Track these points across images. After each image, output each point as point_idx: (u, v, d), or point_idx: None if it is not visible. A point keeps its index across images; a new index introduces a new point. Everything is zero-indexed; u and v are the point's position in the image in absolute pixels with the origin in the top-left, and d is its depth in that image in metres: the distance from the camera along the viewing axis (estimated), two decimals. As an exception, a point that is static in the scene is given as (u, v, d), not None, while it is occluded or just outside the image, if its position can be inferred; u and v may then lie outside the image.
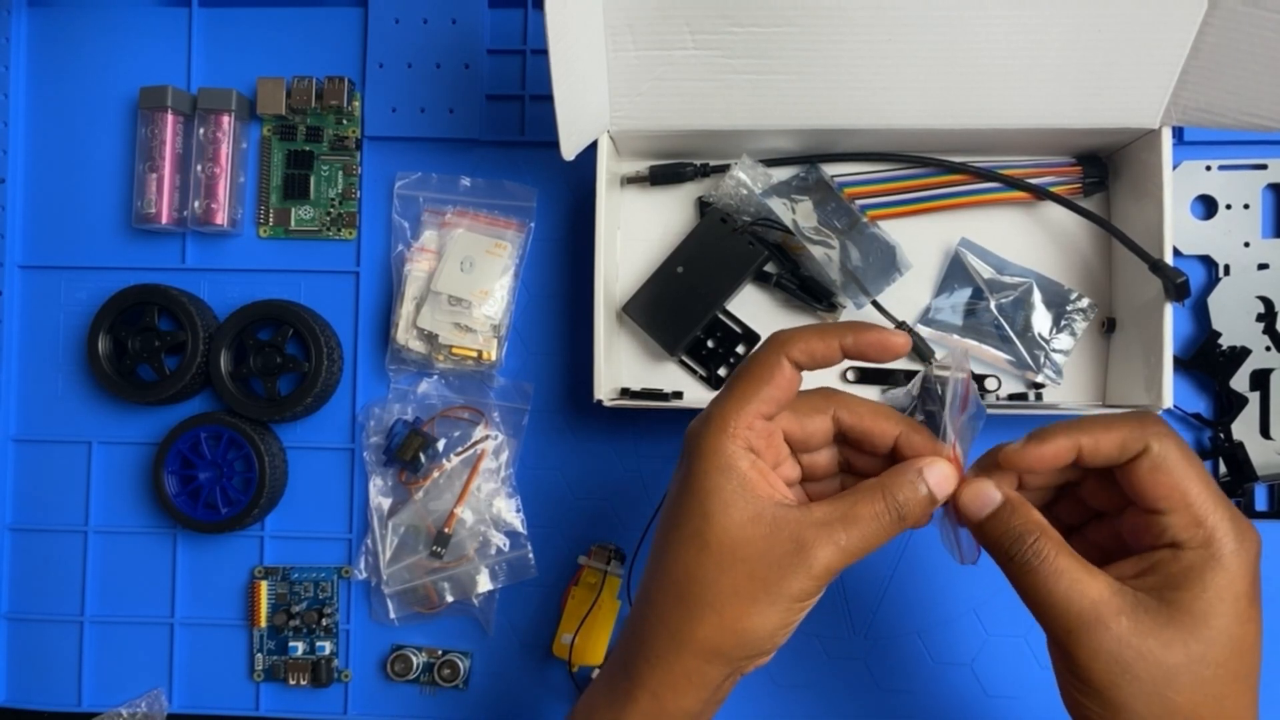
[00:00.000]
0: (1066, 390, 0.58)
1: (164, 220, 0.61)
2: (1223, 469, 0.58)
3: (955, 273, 0.58)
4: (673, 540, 0.37)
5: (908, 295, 0.58)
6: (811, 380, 0.59)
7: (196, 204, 0.61)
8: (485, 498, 0.60)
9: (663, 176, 0.59)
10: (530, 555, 0.61)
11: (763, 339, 0.37)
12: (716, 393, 0.38)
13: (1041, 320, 0.57)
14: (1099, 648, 0.34)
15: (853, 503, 0.36)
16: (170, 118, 0.61)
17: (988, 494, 0.36)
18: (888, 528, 0.36)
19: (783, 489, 0.37)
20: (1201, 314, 0.58)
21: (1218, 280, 0.58)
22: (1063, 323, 0.57)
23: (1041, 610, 0.35)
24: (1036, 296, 0.57)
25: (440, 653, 0.61)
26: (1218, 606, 0.33)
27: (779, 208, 0.56)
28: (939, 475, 0.36)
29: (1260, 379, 0.57)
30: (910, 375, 0.58)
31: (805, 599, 0.36)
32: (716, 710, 0.39)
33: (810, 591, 0.36)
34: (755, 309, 0.59)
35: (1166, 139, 0.52)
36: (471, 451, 0.60)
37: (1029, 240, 0.58)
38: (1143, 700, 0.34)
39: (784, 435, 0.39)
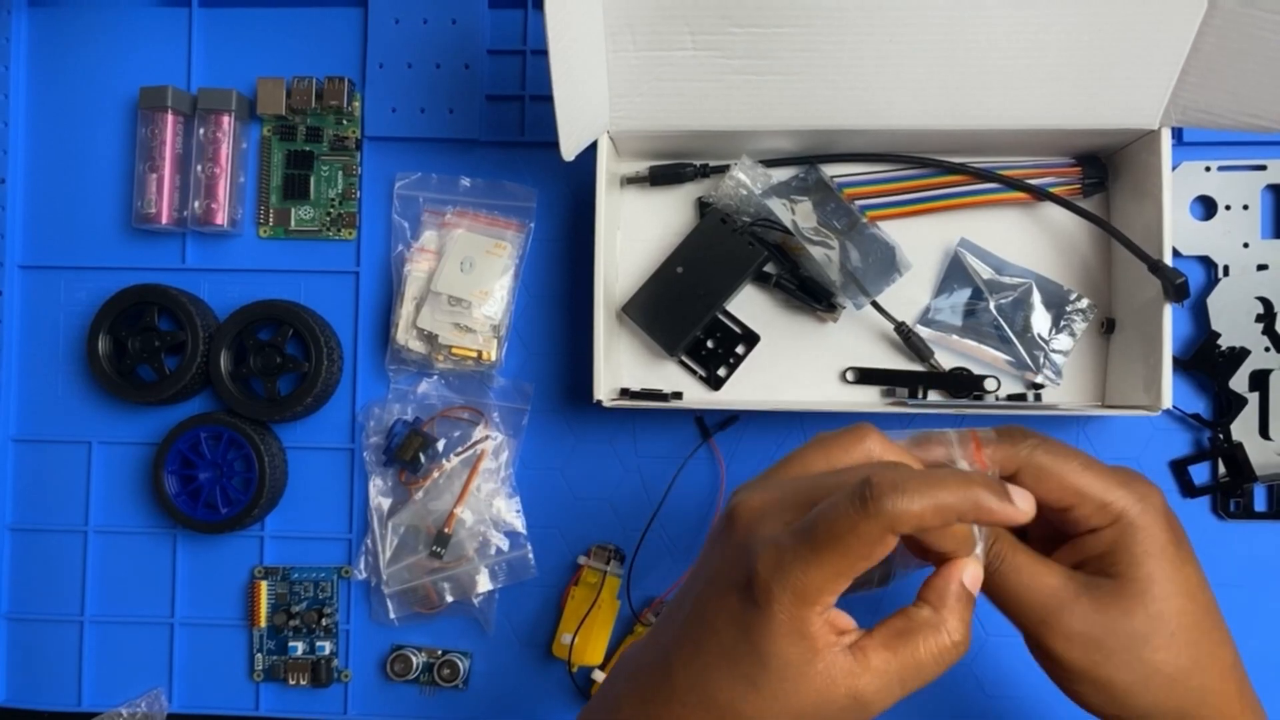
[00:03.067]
0: (1066, 391, 0.58)
1: (164, 220, 0.61)
2: (1222, 469, 0.58)
3: (955, 273, 0.58)
4: (717, 667, 0.34)
5: (907, 295, 0.58)
6: (808, 372, 0.59)
7: (196, 204, 0.61)
8: (485, 498, 0.60)
9: (663, 177, 0.59)
10: (530, 555, 0.61)
11: (863, 482, 0.31)
12: (795, 537, 0.32)
13: (1041, 321, 0.57)
14: (1070, 632, 0.35)
15: (912, 650, 0.34)
16: (170, 118, 0.61)
17: None
18: (949, 662, 0.34)
19: (843, 625, 0.34)
20: (1201, 314, 0.58)
21: (1217, 281, 0.58)
22: (1062, 323, 0.57)
23: (1010, 607, 0.36)
24: (1036, 297, 0.57)
25: (440, 653, 0.61)
26: (1153, 569, 0.35)
27: (779, 208, 0.56)
28: (974, 577, 0.35)
29: (1259, 379, 0.57)
30: (911, 376, 0.58)
31: None
32: None
33: None
34: (755, 309, 0.59)
35: (1166, 139, 0.52)
36: (471, 451, 0.60)
37: (1029, 240, 0.58)
38: (1125, 670, 0.35)
39: None
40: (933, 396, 0.58)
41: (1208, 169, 0.58)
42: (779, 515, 0.34)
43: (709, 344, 0.59)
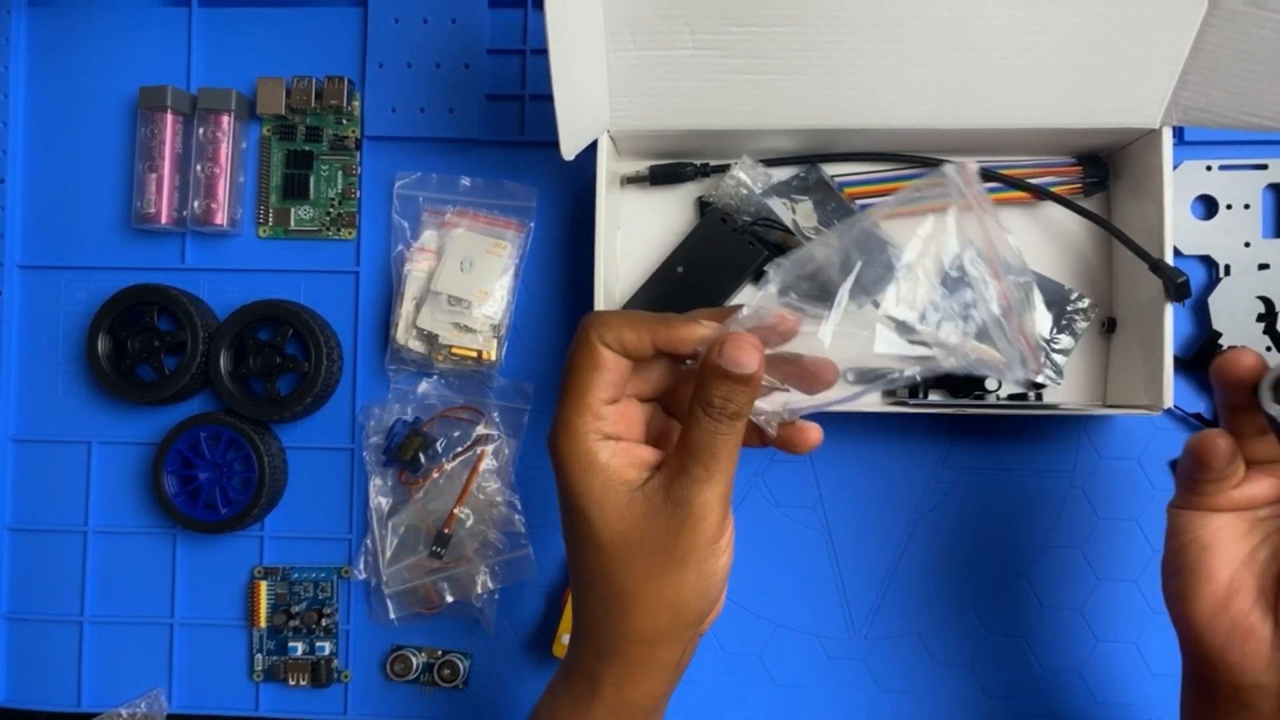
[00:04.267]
0: (1067, 390, 0.58)
1: (164, 220, 0.61)
2: (1223, 469, 0.58)
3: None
4: (572, 546, 0.38)
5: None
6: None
7: (196, 204, 0.61)
8: (485, 498, 0.60)
9: (663, 176, 0.59)
10: (530, 555, 0.61)
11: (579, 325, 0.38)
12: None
13: (1042, 320, 0.57)
14: None
15: (686, 436, 0.36)
16: (170, 118, 0.61)
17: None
18: (731, 435, 0.36)
19: (646, 455, 0.37)
20: (1202, 314, 0.58)
21: (1218, 280, 0.58)
22: (1063, 323, 0.57)
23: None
24: (1036, 296, 0.57)
25: (440, 653, 0.61)
26: None
27: (779, 208, 0.56)
28: (732, 354, 0.35)
29: (1260, 379, 0.57)
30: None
31: (712, 544, 0.36)
32: (679, 678, 0.40)
33: (712, 537, 0.36)
34: (755, 309, 0.59)
35: (1167, 139, 0.52)
36: (471, 451, 0.60)
37: (1029, 240, 0.58)
38: None
39: (638, 394, 0.39)
40: (933, 396, 0.58)
41: (1209, 168, 0.58)
42: None
43: (709, 344, 0.59)
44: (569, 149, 0.52)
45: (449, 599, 0.60)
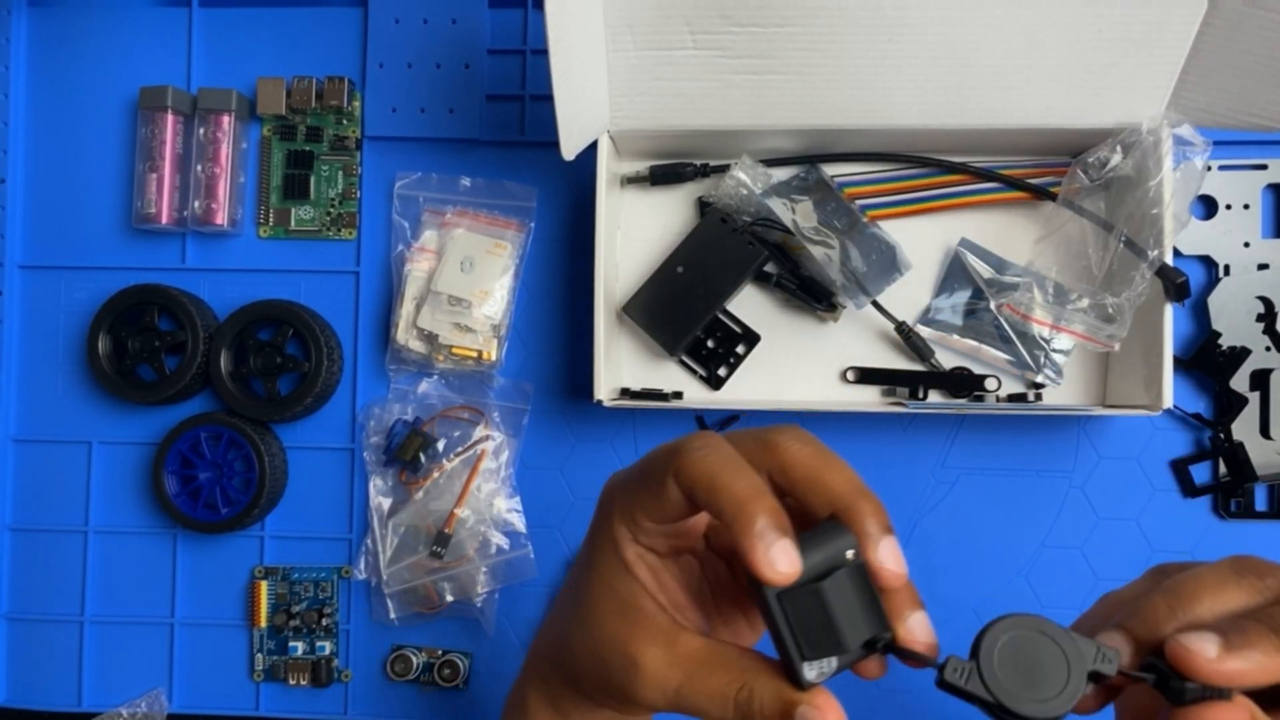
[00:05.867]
0: (1066, 390, 0.58)
1: (164, 220, 0.61)
2: (1223, 469, 0.58)
3: (955, 273, 0.58)
4: (564, 592, 0.37)
5: (908, 295, 0.58)
6: (804, 368, 0.59)
7: (196, 204, 0.61)
8: (485, 498, 0.60)
9: (663, 176, 0.59)
10: (530, 555, 0.61)
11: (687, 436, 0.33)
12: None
13: (1042, 320, 0.57)
14: None
15: (709, 671, 0.30)
16: (170, 118, 0.61)
17: None
18: (726, 713, 0.31)
19: (675, 596, 0.34)
20: (1201, 314, 0.58)
21: (1218, 280, 0.58)
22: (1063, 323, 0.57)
23: None
24: (1036, 296, 0.57)
25: (440, 653, 0.61)
26: None
27: (779, 208, 0.56)
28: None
29: (1260, 379, 0.57)
30: (911, 375, 0.58)
31: (613, 704, 0.33)
32: None
33: (619, 710, 0.33)
34: (755, 309, 0.59)
35: (1167, 139, 0.52)
36: (471, 451, 0.60)
37: (1029, 240, 0.58)
38: None
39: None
40: (933, 396, 0.58)
41: (1209, 168, 0.58)
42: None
43: (709, 344, 0.59)
44: (569, 149, 0.52)
45: (449, 599, 0.60)
